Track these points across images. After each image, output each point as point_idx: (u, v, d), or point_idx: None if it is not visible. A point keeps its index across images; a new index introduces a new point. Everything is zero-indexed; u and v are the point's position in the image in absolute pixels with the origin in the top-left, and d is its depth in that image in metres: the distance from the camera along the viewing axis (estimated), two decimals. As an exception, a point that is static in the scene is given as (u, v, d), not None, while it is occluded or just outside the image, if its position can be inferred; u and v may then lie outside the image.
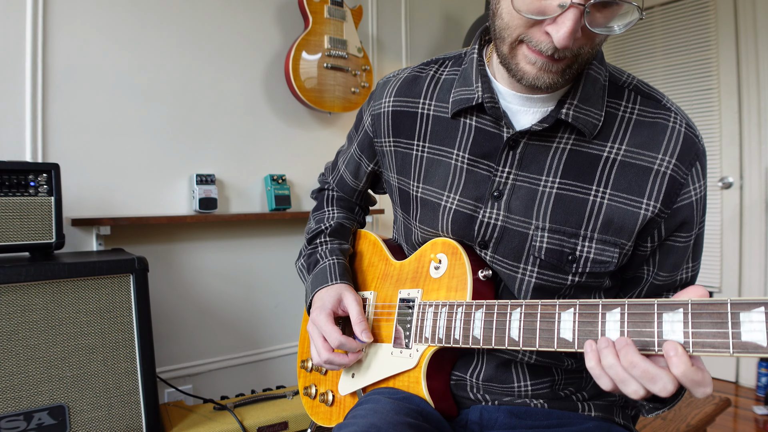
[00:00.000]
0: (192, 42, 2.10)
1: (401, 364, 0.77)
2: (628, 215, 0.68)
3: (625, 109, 0.71)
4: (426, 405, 0.73)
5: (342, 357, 0.80)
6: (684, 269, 0.75)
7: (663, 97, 0.72)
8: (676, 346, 0.49)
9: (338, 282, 0.86)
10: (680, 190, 0.68)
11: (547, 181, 0.70)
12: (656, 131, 0.69)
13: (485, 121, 0.74)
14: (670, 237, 0.71)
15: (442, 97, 0.79)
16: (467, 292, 0.72)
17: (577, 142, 0.70)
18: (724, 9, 2.70)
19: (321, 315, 0.80)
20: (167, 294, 2.04)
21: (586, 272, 0.70)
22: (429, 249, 0.80)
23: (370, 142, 0.89)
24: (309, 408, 0.96)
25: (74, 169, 1.83)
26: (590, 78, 0.70)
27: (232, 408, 1.76)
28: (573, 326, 0.57)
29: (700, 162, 0.69)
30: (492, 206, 0.73)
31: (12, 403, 1.26)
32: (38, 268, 1.31)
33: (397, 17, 2.79)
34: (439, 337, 0.72)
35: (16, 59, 1.72)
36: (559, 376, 0.77)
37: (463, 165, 0.76)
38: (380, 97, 0.86)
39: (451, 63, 0.82)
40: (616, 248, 0.69)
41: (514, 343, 0.62)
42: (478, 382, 0.77)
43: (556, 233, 0.70)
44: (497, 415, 0.75)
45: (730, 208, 2.72)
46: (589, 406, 0.77)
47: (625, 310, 0.54)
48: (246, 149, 2.26)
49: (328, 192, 1.06)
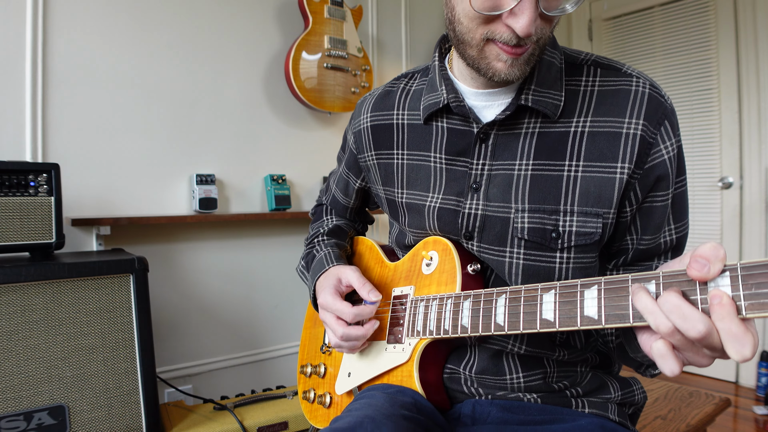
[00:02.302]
0: (192, 42, 2.10)
1: (395, 358, 0.78)
2: (604, 182, 0.69)
3: (586, 84, 0.73)
4: (420, 397, 0.74)
5: (358, 329, 0.79)
6: (666, 231, 0.75)
7: (623, 66, 0.74)
8: (722, 294, 0.46)
9: (333, 265, 0.87)
10: (650, 150, 0.69)
11: (521, 165, 0.73)
12: (620, 97, 0.70)
13: (455, 120, 0.78)
14: (648, 198, 0.72)
15: (413, 106, 0.84)
16: (456, 284, 0.74)
17: (544, 125, 0.73)
18: (724, 9, 2.70)
19: (328, 296, 0.81)
20: (167, 294, 2.04)
21: (572, 246, 0.71)
22: (421, 248, 0.83)
23: (355, 159, 0.94)
24: (308, 412, 0.96)
25: (74, 169, 1.83)
26: (545, 63, 0.73)
27: (232, 408, 1.76)
28: (554, 306, 0.59)
29: (669, 120, 0.70)
30: (472, 198, 0.76)
31: (12, 403, 1.26)
32: (38, 268, 1.31)
33: (397, 17, 2.79)
34: (429, 329, 0.73)
35: (16, 59, 1.72)
36: (552, 368, 0.77)
37: (441, 165, 0.79)
38: (359, 115, 0.91)
39: (420, 75, 0.87)
40: (598, 218, 0.70)
41: (499, 327, 0.64)
42: (472, 375, 0.78)
43: (536, 213, 0.71)
44: (490, 409, 0.76)
45: (730, 208, 2.72)
46: (583, 403, 0.77)
47: (601, 286, 0.55)
48: (246, 149, 2.26)
49: (326, 205, 1.10)
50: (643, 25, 3.04)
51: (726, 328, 0.45)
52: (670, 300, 0.48)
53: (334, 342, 0.82)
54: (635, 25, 3.07)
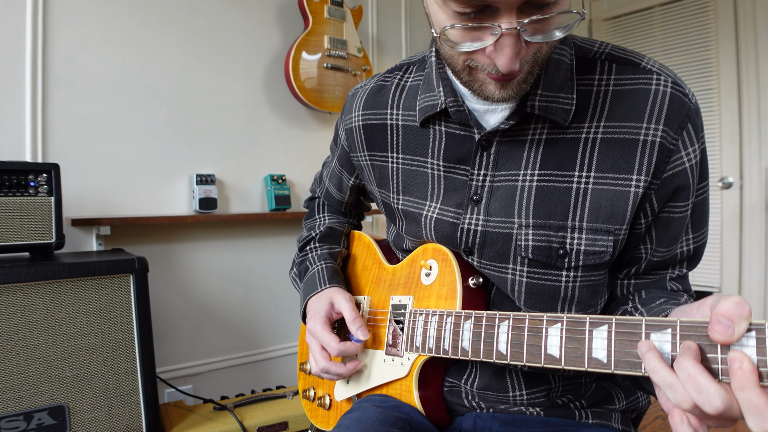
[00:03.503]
0: (192, 42, 2.10)
1: (393, 372, 0.76)
2: (617, 196, 0.62)
3: (599, 83, 0.64)
4: (416, 414, 0.72)
5: (339, 366, 0.78)
6: (684, 241, 0.69)
7: (642, 59, 0.65)
8: (743, 357, 0.41)
9: (327, 286, 0.84)
10: (669, 158, 0.61)
11: (526, 176, 0.66)
12: (638, 98, 0.62)
13: (454, 125, 0.71)
14: (665, 208, 0.65)
15: (408, 105, 0.76)
16: (457, 300, 0.70)
17: (553, 131, 0.65)
18: (724, 9, 2.70)
19: (317, 324, 0.80)
20: (167, 294, 2.04)
21: (579, 266, 0.65)
22: (420, 254, 0.79)
23: (347, 157, 0.87)
24: (308, 410, 0.96)
25: (74, 169, 1.83)
26: (552, 62, 0.64)
27: (232, 408, 1.76)
28: (560, 342, 0.55)
29: (693, 123, 0.62)
30: (472, 212, 0.70)
31: (12, 403, 1.26)
32: (38, 268, 1.31)
33: (397, 17, 2.79)
34: (429, 346, 0.70)
35: (16, 59, 1.72)
36: (557, 384, 0.74)
37: (439, 173, 0.73)
38: (350, 111, 0.83)
39: (416, 68, 0.79)
40: (609, 236, 0.63)
41: (501, 356, 0.60)
42: (473, 390, 0.75)
43: (541, 228, 0.65)
44: (491, 423, 0.74)
45: (730, 208, 2.72)
46: (587, 414, 0.75)
47: (612, 328, 0.51)
48: (246, 149, 2.26)
49: (320, 199, 1.05)
50: (643, 25, 3.04)
51: (746, 399, 0.40)
52: (686, 368, 0.43)
53: (314, 371, 0.81)
54: (635, 25, 3.07)
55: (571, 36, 0.67)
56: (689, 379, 0.43)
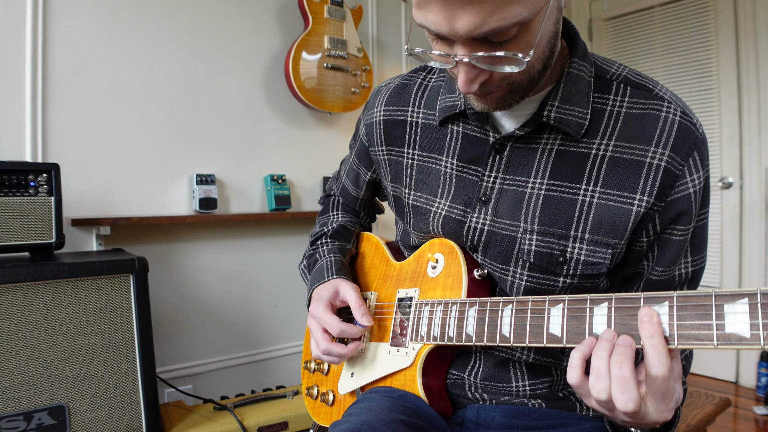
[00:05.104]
0: (192, 42, 2.10)
1: (398, 362, 0.77)
2: (619, 213, 0.66)
3: (614, 103, 0.68)
4: (421, 403, 0.73)
5: (340, 347, 0.79)
6: (682, 264, 0.72)
7: (656, 86, 0.69)
8: (653, 313, 0.50)
9: (334, 277, 0.86)
10: (675, 182, 0.65)
11: (535, 183, 0.69)
12: (648, 123, 0.66)
13: (472, 126, 0.74)
14: (666, 230, 0.68)
15: (429, 105, 0.80)
16: (462, 290, 0.72)
17: (565, 142, 0.68)
18: (724, 9, 2.70)
19: (319, 306, 0.81)
20: (167, 294, 2.04)
21: (577, 274, 0.69)
22: (427, 249, 0.81)
23: (366, 151, 0.90)
24: (311, 408, 0.97)
25: (74, 169, 1.83)
26: (572, 76, 0.67)
27: (232, 408, 1.76)
28: (562, 321, 0.57)
29: (699, 151, 0.66)
30: (480, 211, 0.73)
31: (12, 403, 1.26)
32: (38, 268, 1.31)
33: (397, 17, 2.79)
34: (434, 335, 0.72)
35: (16, 59, 1.72)
36: (559, 377, 0.76)
37: (452, 171, 0.76)
38: (373, 107, 0.87)
39: (439, 69, 0.82)
40: (608, 249, 0.67)
41: (505, 339, 0.62)
42: (476, 381, 0.77)
43: (544, 235, 0.68)
44: (494, 414, 0.75)
45: (730, 208, 2.72)
46: (588, 406, 0.76)
47: (612, 304, 0.54)
48: (246, 149, 2.26)
49: (335, 197, 1.07)
50: (643, 25, 3.04)
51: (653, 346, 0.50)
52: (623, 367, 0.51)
53: (315, 353, 0.82)
54: (635, 25, 3.07)
55: (593, 54, 0.72)
56: (619, 379, 0.51)
